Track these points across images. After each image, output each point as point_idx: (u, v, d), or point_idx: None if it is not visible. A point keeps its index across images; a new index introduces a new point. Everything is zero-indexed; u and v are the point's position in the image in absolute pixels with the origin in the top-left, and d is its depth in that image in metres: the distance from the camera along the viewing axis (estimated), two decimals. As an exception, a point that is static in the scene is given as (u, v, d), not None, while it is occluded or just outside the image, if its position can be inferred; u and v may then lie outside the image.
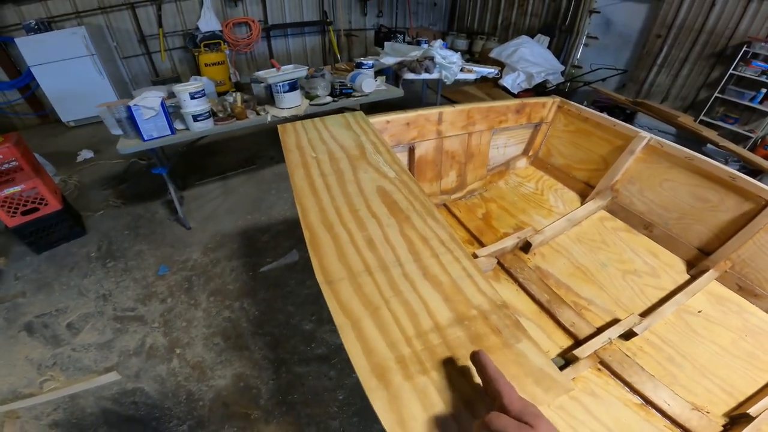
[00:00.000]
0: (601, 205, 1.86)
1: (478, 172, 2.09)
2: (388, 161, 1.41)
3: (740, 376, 1.26)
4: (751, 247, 1.48)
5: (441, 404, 0.69)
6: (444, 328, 0.82)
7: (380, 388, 0.71)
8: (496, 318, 0.85)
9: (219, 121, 2.80)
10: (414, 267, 0.94)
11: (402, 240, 1.03)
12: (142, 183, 3.84)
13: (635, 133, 1.81)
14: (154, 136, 2.54)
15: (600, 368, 1.29)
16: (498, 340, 0.81)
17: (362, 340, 0.80)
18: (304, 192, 1.22)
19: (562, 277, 1.59)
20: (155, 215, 3.40)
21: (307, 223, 1.08)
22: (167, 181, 2.94)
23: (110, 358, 2.18)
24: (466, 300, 0.88)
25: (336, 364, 2.15)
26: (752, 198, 1.48)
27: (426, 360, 0.76)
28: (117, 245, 3.05)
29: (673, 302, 1.44)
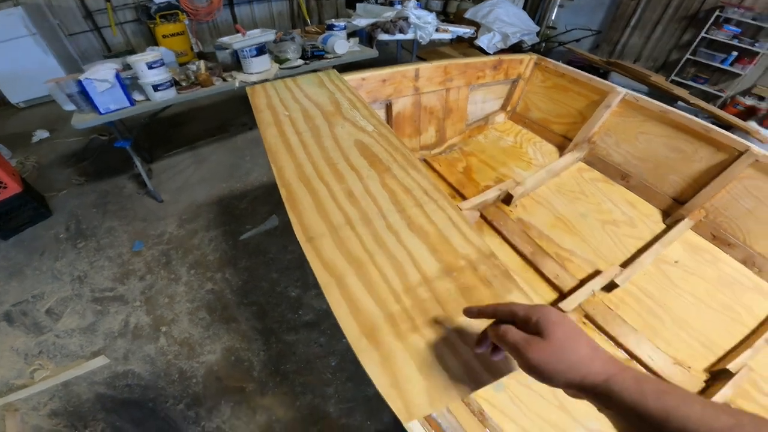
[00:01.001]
0: (579, 157, 1.83)
1: (456, 127, 2.02)
2: (366, 116, 1.31)
3: (717, 329, 1.28)
4: (724, 197, 1.50)
5: (436, 363, 0.65)
6: (432, 281, 0.77)
7: (371, 349, 0.67)
8: (485, 268, 0.80)
9: (183, 89, 2.60)
10: (398, 218, 0.88)
11: (384, 191, 0.95)
12: (105, 159, 3.57)
13: (611, 88, 1.79)
14: (111, 108, 2.34)
15: (585, 322, 1.30)
16: (489, 292, 0.76)
17: (348, 298, 0.74)
18: (277, 149, 1.12)
19: (544, 229, 1.58)
20: (123, 190, 3.18)
21: (282, 181, 0.99)
22: (132, 154, 2.73)
23: (95, 341, 2.08)
24: (453, 250, 0.82)
25: (325, 330, 2.12)
26: (725, 149, 1.49)
27: (416, 316, 0.71)
28: (86, 224, 2.85)
29: (651, 252, 1.45)
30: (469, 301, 0.74)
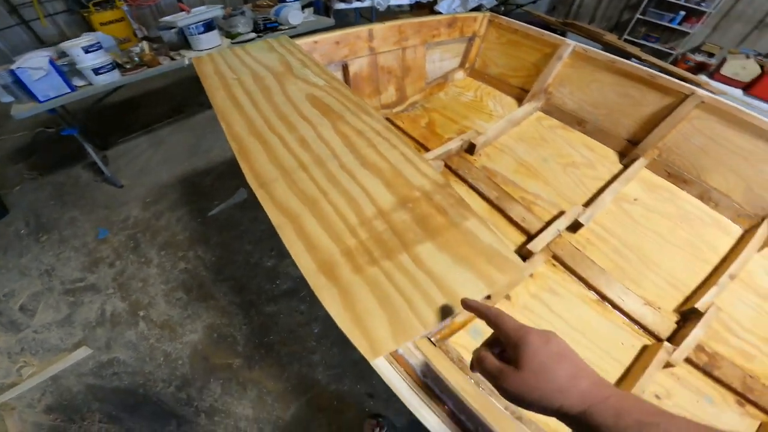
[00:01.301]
0: (537, 107, 1.85)
1: (416, 85, 1.99)
2: (317, 72, 1.27)
3: (682, 267, 1.31)
4: (675, 136, 1.54)
5: (396, 295, 0.65)
6: (388, 213, 0.75)
7: (329, 286, 0.66)
8: (440, 197, 0.79)
9: (127, 71, 2.45)
10: (351, 158, 0.86)
11: (336, 136, 0.93)
12: (55, 151, 3.37)
13: (561, 41, 1.81)
14: (51, 95, 2.22)
15: (555, 264, 1.32)
16: (444, 219, 0.76)
17: (304, 237, 0.72)
18: (227, 109, 1.07)
19: (508, 174, 1.59)
20: (79, 180, 3.02)
21: (233, 135, 0.95)
22: (82, 141, 2.58)
23: (75, 333, 2.01)
24: (407, 183, 0.81)
25: (305, 297, 2.10)
26: (671, 93, 1.53)
27: (374, 249, 0.70)
28: (46, 217, 2.71)
29: (611, 190, 1.47)
30: (426, 230, 0.73)
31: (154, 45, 2.65)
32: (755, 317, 1.19)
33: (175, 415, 1.72)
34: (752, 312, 1.20)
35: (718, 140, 1.45)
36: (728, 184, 1.44)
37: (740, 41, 4.50)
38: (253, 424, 1.69)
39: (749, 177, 1.40)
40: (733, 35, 4.54)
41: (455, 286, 0.66)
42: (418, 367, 0.64)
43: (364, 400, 1.73)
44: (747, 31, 4.41)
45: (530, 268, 1.25)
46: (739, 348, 1.13)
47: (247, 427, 1.68)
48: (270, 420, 1.70)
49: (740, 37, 4.49)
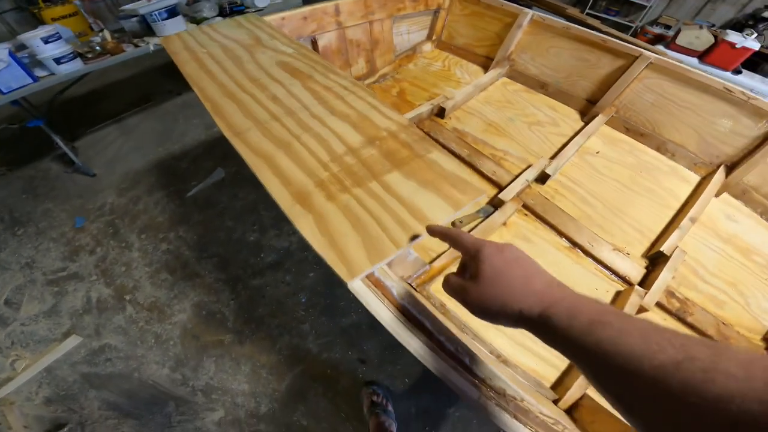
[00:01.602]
0: (502, 73, 1.94)
1: (386, 57, 2.03)
2: (286, 43, 1.30)
3: (646, 213, 1.39)
4: (629, 95, 1.66)
5: (368, 217, 0.69)
6: (357, 150, 0.81)
7: (304, 213, 0.69)
8: (405, 135, 0.85)
9: (90, 60, 2.40)
10: (320, 108, 0.91)
11: (306, 92, 0.97)
12: (21, 146, 3.27)
13: (520, 11, 1.91)
14: (13, 87, 2.17)
15: (526, 213, 1.39)
16: (409, 152, 0.81)
17: (279, 174, 0.76)
18: (199, 77, 1.09)
19: (477, 134, 1.66)
20: (49, 172, 2.95)
21: (207, 98, 0.97)
22: (49, 132, 2.53)
23: (62, 322, 1.99)
24: (374, 125, 0.86)
25: (290, 268, 2.13)
26: (622, 56, 1.66)
27: (345, 179, 0.75)
28: (19, 211, 2.64)
29: (574, 144, 1.57)
30: (393, 162, 0.79)
31: (116, 34, 2.59)
32: (720, 260, 1.27)
33: (173, 396, 1.74)
34: (716, 255, 1.28)
35: (668, 96, 1.57)
36: (682, 135, 1.55)
37: (695, 14, 4.69)
38: (251, 398, 1.72)
39: (700, 128, 1.51)
40: (688, 8, 4.72)
41: (423, 208, 0.71)
42: (395, 290, 0.67)
43: (357, 366, 1.78)
44: (701, 4, 4.60)
45: (503, 218, 1.32)
46: (708, 293, 1.19)
47: (244, 402, 1.70)
48: (266, 393, 1.73)
49: (695, 11, 4.69)
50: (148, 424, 1.67)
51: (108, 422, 1.68)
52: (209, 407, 1.70)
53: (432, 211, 0.71)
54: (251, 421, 1.67)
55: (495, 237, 1.29)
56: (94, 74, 2.53)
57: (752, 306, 1.17)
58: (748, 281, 1.22)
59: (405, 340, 0.60)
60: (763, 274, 1.24)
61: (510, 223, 1.34)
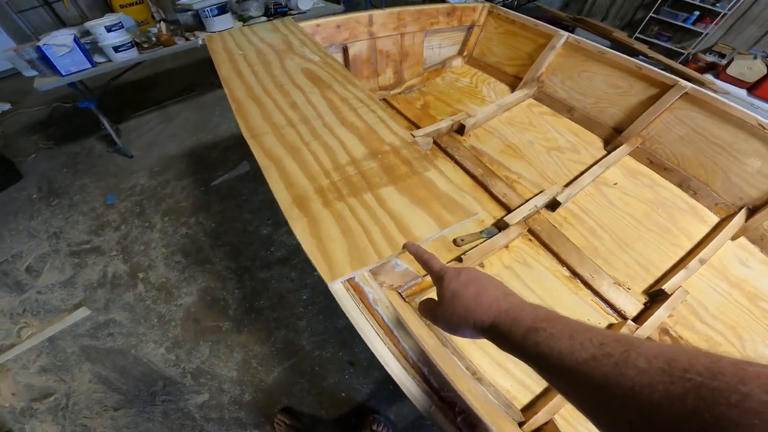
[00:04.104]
0: (529, 94, 1.97)
1: (414, 70, 2.12)
2: (314, 51, 1.42)
3: (655, 250, 1.37)
4: (658, 126, 1.64)
5: (357, 227, 0.77)
6: (359, 161, 0.90)
7: (300, 216, 0.78)
8: (407, 152, 0.93)
9: (144, 50, 2.64)
10: (333, 118, 1.00)
11: (323, 101, 1.08)
12: (71, 123, 3.60)
13: (555, 32, 1.92)
14: (72, 70, 2.41)
15: (531, 238, 1.41)
16: (408, 169, 0.90)
17: (284, 176, 0.86)
18: (230, 78, 1.22)
19: (494, 155, 1.71)
20: (92, 150, 3.24)
21: (233, 97, 1.10)
22: (98, 114, 2.79)
23: (76, 294, 2.16)
24: (379, 139, 0.95)
25: (296, 265, 2.24)
26: (656, 84, 1.63)
27: (343, 187, 0.84)
28: (58, 183, 2.91)
29: (591, 173, 1.57)
30: (390, 176, 0.87)
31: (171, 26, 2.83)
32: (723, 304, 1.24)
33: (163, 375, 1.85)
34: (721, 299, 1.26)
35: (699, 130, 1.53)
36: (707, 173, 1.52)
37: (754, 43, 4.54)
38: (237, 386, 1.81)
39: (728, 167, 1.47)
40: (747, 37, 4.58)
41: (410, 224, 0.78)
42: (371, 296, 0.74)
43: (345, 368, 1.85)
44: (761, 33, 4.45)
45: (505, 240, 1.34)
46: (704, 334, 1.18)
47: (230, 389, 1.80)
48: (253, 383, 1.81)
49: (754, 40, 4.53)
50: (133, 401, 1.78)
51: (94, 395, 1.80)
52: (195, 390, 1.80)
53: (419, 228, 0.77)
54: (233, 407, 1.76)
55: (494, 259, 1.32)
56: (147, 62, 2.76)
57: (747, 349, 1.16)
58: (748, 325, 1.20)
59: (371, 342, 0.67)
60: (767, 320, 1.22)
61: (512, 246, 1.37)
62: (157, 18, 4.96)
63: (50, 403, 1.77)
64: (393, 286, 1.09)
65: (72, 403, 1.77)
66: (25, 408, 1.75)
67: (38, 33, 4.97)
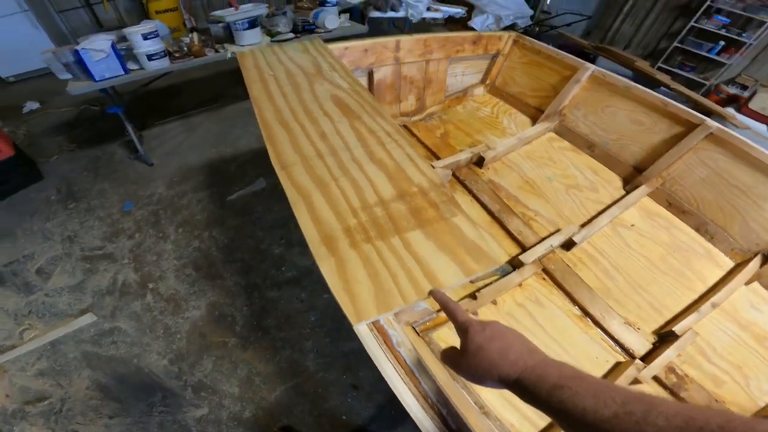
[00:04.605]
0: (550, 127, 1.97)
1: (436, 97, 2.16)
2: (343, 76, 1.45)
3: (668, 293, 1.38)
4: (680, 166, 1.63)
5: (384, 270, 0.79)
6: (387, 202, 0.91)
7: (328, 256, 0.80)
8: (435, 195, 0.95)
9: (176, 59, 2.72)
10: (362, 152, 1.02)
11: (352, 132, 1.10)
12: (96, 127, 3.69)
13: (581, 65, 1.93)
14: (106, 76, 2.48)
15: (545, 277, 1.42)
16: (435, 213, 0.91)
17: (312, 212, 0.87)
18: (261, 99, 1.26)
19: (512, 190, 1.71)
20: (114, 155, 3.32)
21: (263, 121, 1.13)
22: (124, 120, 2.86)
23: (84, 299, 2.18)
24: (408, 179, 0.97)
25: (306, 287, 2.23)
26: (682, 122, 1.62)
27: (370, 229, 0.86)
28: (77, 186, 2.97)
29: (609, 214, 1.56)
30: (418, 220, 0.88)
31: (202, 36, 2.92)
32: (732, 345, 1.25)
33: (163, 387, 1.84)
34: (730, 340, 1.26)
35: (721, 173, 1.52)
36: (726, 218, 1.51)
37: (778, 75, 4.51)
38: (238, 402, 1.80)
39: (747, 212, 1.46)
40: (771, 68, 4.56)
41: (436, 270, 0.79)
42: (395, 339, 0.76)
43: (348, 391, 1.84)
44: (787, 65, 4.43)
45: (519, 279, 1.35)
46: (710, 373, 1.19)
47: (230, 405, 1.78)
48: (254, 400, 1.80)
49: (779, 72, 4.51)
50: (129, 410, 1.77)
51: (90, 402, 1.79)
52: (195, 403, 1.79)
53: (444, 275, 0.78)
54: (231, 423, 1.74)
55: (508, 297, 1.33)
56: (175, 71, 2.84)
57: (752, 387, 1.17)
58: (754, 365, 1.21)
59: (392, 382, 0.69)
60: None
61: (525, 284, 1.37)
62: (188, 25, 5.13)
63: (43, 406, 1.76)
64: (409, 321, 1.10)
65: (66, 408, 1.76)
66: (17, 410, 1.75)
67: (75, 34, 5.17)
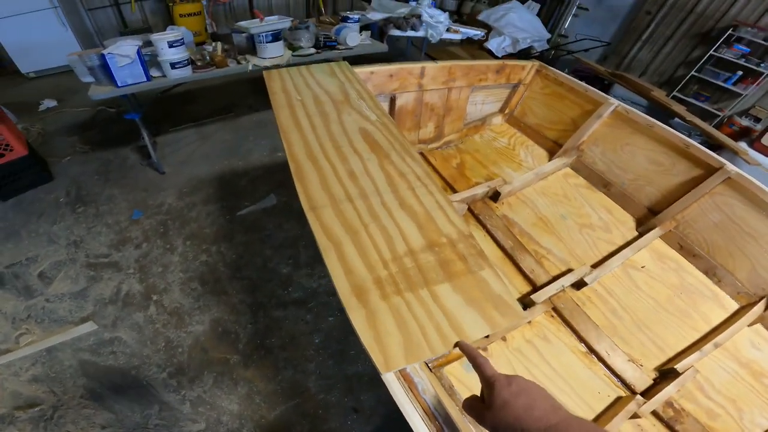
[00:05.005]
0: (567, 163, 1.99)
1: (455, 125, 2.18)
2: (371, 107, 1.47)
3: (672, 332, 1.43)
4: (695, 210, 1.65)
5: (413, 322, 0.80)
6: (417, 253, 0.92)
7: (359, 307, 0.81)
8: (463, 246, 0.96)
9: (198, 69, 2.74)
10: (391, 197, 1.04)
11: (381, 173, 1.11)
12: (111, 130, 3.69)
13: (604, 100, 1.95)
14: (128, 82, 2.50)
15: (553, 315, 1.45)
16: (463, 266, 0.92)
17: (343, 261, 0.89)
18: (289, 128, 1.27)
19: (525, 226, 1.74)
20: (126, 160, 3.31)
21: (292, 156, 1.14)
22: (140, 126, 2.87)
23: (85, 307, 2.16)
24: (437, 228, 0.98)
25: (312, 308, 2.23)
26: (701, 164, 1.64)
27: (400, 281, 0.87)
28: (87, 190, 2.96)
29: (621, 256, 1.59)
30: (446, 272, 0.89)
31: (225, 46, 2.94)
32: (729, 381, 1.30)
33: (160, 400, 1.83)
34: (728, 377, 1.31)
35: (735, 219, 1.55)
36: (735, 263, 1.55)
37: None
38: (236, 419, 1.79)
39: (756, 258, 1.50)
40: (787, 101, 4.54)
41: (463, 323, 0.81)
42: (420, 386, 0.78)
43: (349, 414, 1.84)
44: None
45: (529, 316, 1.39)
46: (706, 407, 1.24)
47: (229, 422, 1.78)
48: (253, 418, 1.80)
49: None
50: (123, 421, 1.75)
51: (83, 411, 1.77)
52: (192, 418, 1.78)
53: (470, 328, 0.80)
54: None
55: (517, 333, 1.37)
56: None
57: (745, 420, 1.21)
58: (749, 399, 1.26)
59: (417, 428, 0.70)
60: None
61: (535, 322, 1.41)
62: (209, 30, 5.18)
63: (34, 413, 1.75)
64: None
65: (57, 415, 1.75)
66: (6, 415, 1.73)
67: (100, 33, 5.25)
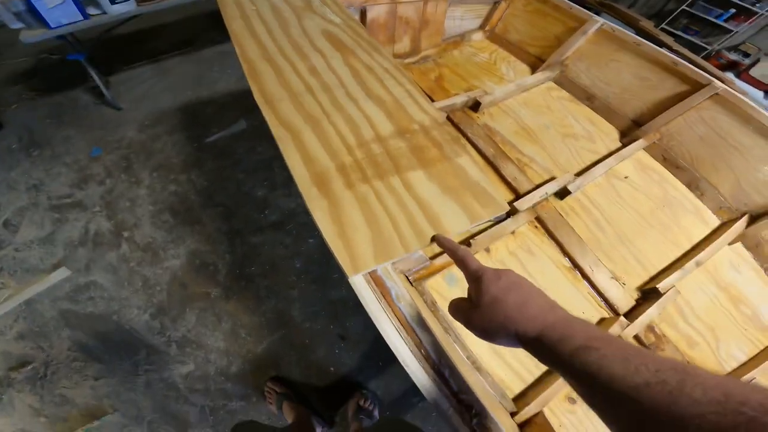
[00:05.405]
0: (550, 77, 1.92)
1: (432, 39, 2.05)
2: (336, 11, 1.34)
3: (654, 247, 1.42)
4: (680, 123, 1.64)
5: (383, 214, 0.72)
6: (385, 139, 0.86)
7: (320, 197, 0.73)
8: (437, 134, 0.90)
9: (143, 2, 2.48)
10: (357, 88, 0.96)
11: (346, 68, 1.02)
12: (56, 75, 3.43)
13: (589, 17, 1.88)
14: (63, 23, 2.29)
15: (537, 226, 1.43)
16: (438, 152, 0.86)
17: (302, 149, 0.81)
18: (242, 36, 1.14)
19: (507, 135, 1.69)
20: (78, 102, 3.11)
21: (245, 58, 1.03)
22: (87, 66, 2.65)
23: (56, 252, 2.09)
24: (408, 116, 0.92)
25: (291, 231, 2.22)
26: (689, 81, 1.63)
27: (367, 167, 0.80)
28: (40, 134, 2.79)
29: (604, 165, 1.58)
30: (419, 159, 0.84)
31: None
32: (709, 306, 1.31)
33: (146, 344, 1.83)
34: (708, 301, 1.32)
35: (721, 133, 1.55)
36: (719, 177, 1.55)
37: (783, 47, 4.50)
38: (224, 356, 1.81)
39: (741, 172, 1.50)
40: (777, 40, 4.54)
41: (440, 214, 0.74)
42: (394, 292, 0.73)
43: (336, 341, 1.87)
44: (794, 38, 4.41)
45: (513, 226, 1.37)
46: (685, 334, 1.25)
47: (217, 359, 1.80)
48: (241, 353, 1.82)
49: (784, 44, 4.49)
50: (114, 371, 1.76)
51: (74, 364, 1.77)
52: (180, 360, 1.80)
53: (448, 220, 0.74)
54: (219, 379, 1.77)
55: (501, 244, 1.35)
56: (144, 15, 2.60)
57: (721, 351, 1.24)
58: (727, 328, 1.28)
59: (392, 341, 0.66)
60: (745, 324, 1.30)
61: (518, 232, 1.39)
62: None
63: (28, 372, 1.75)
64: (402, 270, 1.09)
65: (50, 372, 1.75)
66: (3, 377, 1.73)
67: None
